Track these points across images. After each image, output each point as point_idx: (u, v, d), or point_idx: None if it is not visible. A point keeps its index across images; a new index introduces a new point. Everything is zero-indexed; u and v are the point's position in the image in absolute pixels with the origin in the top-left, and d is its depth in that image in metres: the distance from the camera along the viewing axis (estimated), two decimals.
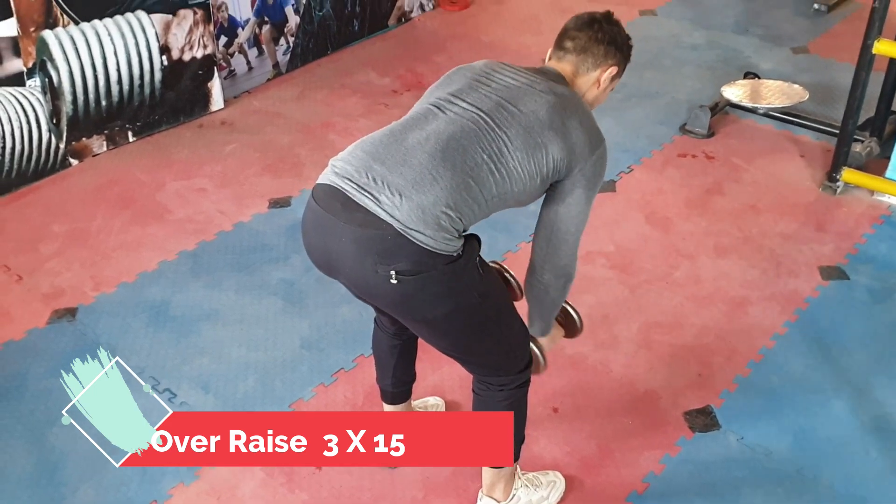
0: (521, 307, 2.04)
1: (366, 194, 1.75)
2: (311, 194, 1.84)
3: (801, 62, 4.43)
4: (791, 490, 2.31)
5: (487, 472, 2.16)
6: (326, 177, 1.83)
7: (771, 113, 3.83)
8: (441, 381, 2.61)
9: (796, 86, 3.91)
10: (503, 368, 1.99)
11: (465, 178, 1.75)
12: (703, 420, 2.50)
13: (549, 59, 2.00)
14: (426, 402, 2.49)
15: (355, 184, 1.76)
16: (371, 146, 1.82)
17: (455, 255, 1.75)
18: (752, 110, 3.86)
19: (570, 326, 2.23)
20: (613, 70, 1.97)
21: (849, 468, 2.37)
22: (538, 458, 2.38)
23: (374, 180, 1.75)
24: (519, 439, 2.12)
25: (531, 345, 2.07)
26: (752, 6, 5.02)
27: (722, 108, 3.92)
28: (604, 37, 1.94)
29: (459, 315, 1.82)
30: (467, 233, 1.81)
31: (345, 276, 1.82)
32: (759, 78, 4.07)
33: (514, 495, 2.19)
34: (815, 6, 4.92)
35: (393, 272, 1.71)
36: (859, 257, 3.13)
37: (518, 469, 2.21)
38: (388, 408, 2.33)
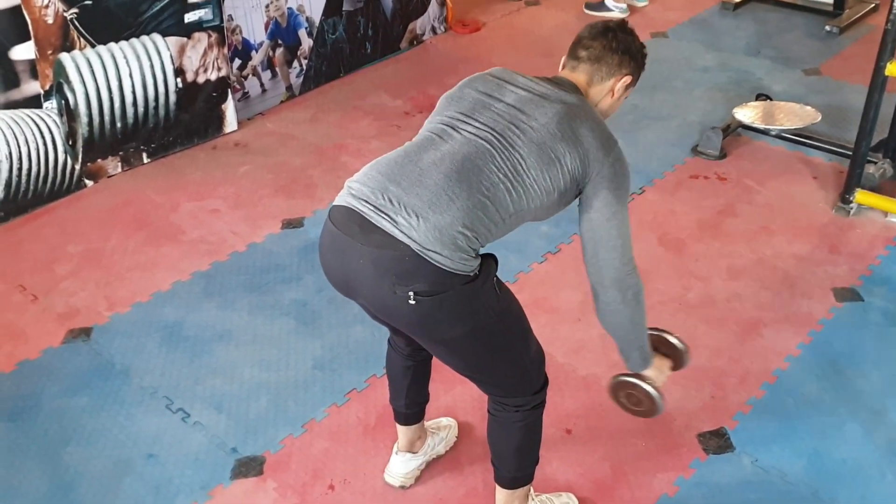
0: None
1: (383, 215, 1.75)
2: (328, 216, 1.85)
3: (813, 84, 4.44)
4: None
5: (500, 494, 2.15)
6: (343, 198, 1.84)
7: (783, 134, 3.83)
8: (454, 401, 2.61)
9: (808, 107, 3.91)
10: (519, 389, 1.99)
11: (481, 197, 1.76)
12: (717, 442, 2.49)
13: (563, 67, 2.00)
14: (439, 422, 2.49)
15: (372, 205, 1.77)
16: (386, 167, 1.83)
17: (472, 274, 1.75)
18: (765, 132, 3.86)
19: (675, 354, 2.09)
20: (628, 79, 1.97)
21: (864, 490, 2.35)
22: (551, 479, 2.37)
23: (390, 201, 1.76)
24: (533, 460, 2.11)
25: (642, 384, 1.99)
26: (764, 28, 5.04)
27: (734, 130, 3.92)
28: (618, 46, 1.94)
29: (477, 335, 1.82)
30: (484, 252, 1.82)
31: (363, 296, 1.83)
32: (771, 100, 4.07)
33: None
34: (827, 28, 4.93)
35: (411, 293, 1.71)
36: (873, 279, 3.12)
37: (531, 490, 2.20)
38: (401, 429, 2.33)
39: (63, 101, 3.49)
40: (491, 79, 1.94)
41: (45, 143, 3.50)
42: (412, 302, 1.72)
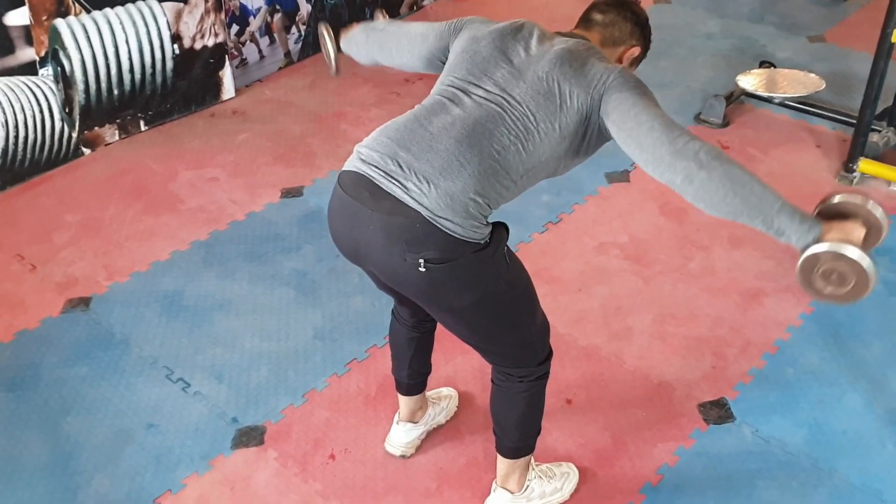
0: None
1: (393, 181, 1.73)
2: (338, 181, 1.83)
3: (817, 51, 4.39)
4: (806, 483, 2.30)
5: (502, 463, 2.15)
6: (352, 163, 1.81)
7: (787, 102, 3.79)
8: (455, 372, 2.60)
9: (812, 75, 3.87)
10: (524, 359, 1.98)
11: (492, 162, 1.74)
12: (717, 412, 2.49)
13: (575, 29, 1.98)
14: (440, 392, 2.49)
15: (382, 171, 1.75)
16: (396, 132, 1.80)
17: (483, 242, 1.74)
18: (768, 100, 3.83)
19: (872, 224, 1.70)
20: (636, 51, 1.96)
21: (864, 461, 2.35)
22: (552, 449, 2.38)
23: (400, 167, 1.74)
24: (535, 431, 2.11)
25: (843, 248, 1.60)
26: None
27: (737, 98, 3.88)
28: (632, 16, 1.95)
29: (485, 303, 1.81)
30: (495, 221, 1.80)
31: (372, 263, 1.81)
32: (775, 67, 4.03)
33: (527, 486, 2.18)
34: None
35: (421, 260, 1.70)
36: (876, 249, 3.06)
37: (532, 460, 2.20)
38: (402, 399, 2.32)
39: (59, 68, 3.45)
40: (505, 32, 1.89)
41: (41, 111, 3.46)
42: (422, 269, 1.71)
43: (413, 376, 2.27)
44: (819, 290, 1.68)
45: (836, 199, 1.76)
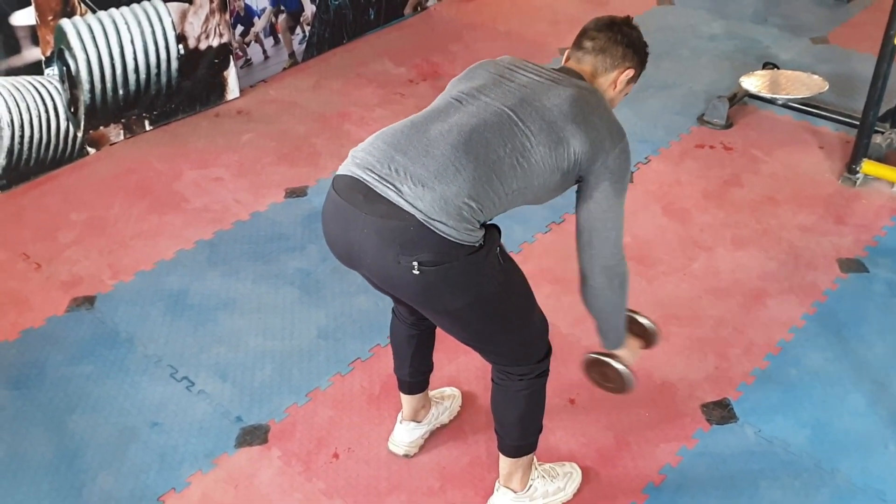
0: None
1: (388, 185, 1.74)
2: (332, 185, 1.84)
3: (820, 52, 4.39)
4: (809, 483, 2.30)
5: (505, 462, 2.16)
6: (347, 167, 1.82)
7: (790, 104, 3.79)
8: (457, 371, 2.61)
9: (816, 76, 3.87)
10: (523, 358, 1.99)
11: (487, 170, 1.75)
12: (720, 412, 2.50)
13: (568, 59, 2.01)
14: (443, 392, 2.50)
15: (377, 174, 1.76)
16: (392, 137, 1.82)
17: (476, 245, 1.75)
18: (771, 101, 3.83)
19: (646, 335, 2.17)
20: (630, 72, 1.98)
21: (867, 461, 2.35)
22: (554, 449, 2.38)
23: (396, 171, 1.75)
24: (536, 429, 2.12)
25: (614, 363, 2.05)
26: None
27: (740, 99, 3.89)
28: (622, 39, 1.96)
29: (480, 305, 1.82)
30: (488, 223, 1.81)
31: (366, 267, 1.82)
32: (778, 68, 4.04)
33: (530, 486, 2.19)
34: None
35: (415, 263, 1.71)
36: (879, 250, 3.10)
37: (535, 460, 2.21)
38: (405, 398, 2.33)
39: (64, 68, 3.46)
40: (502, 64, 1.95)
41: (46, 111, 3.48)
42: (416, 272, 1.72)
43: (414, 374, 2.28)
44: (591, 377, 2.17)
45: (640, 320, 2.19)
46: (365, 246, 1.77)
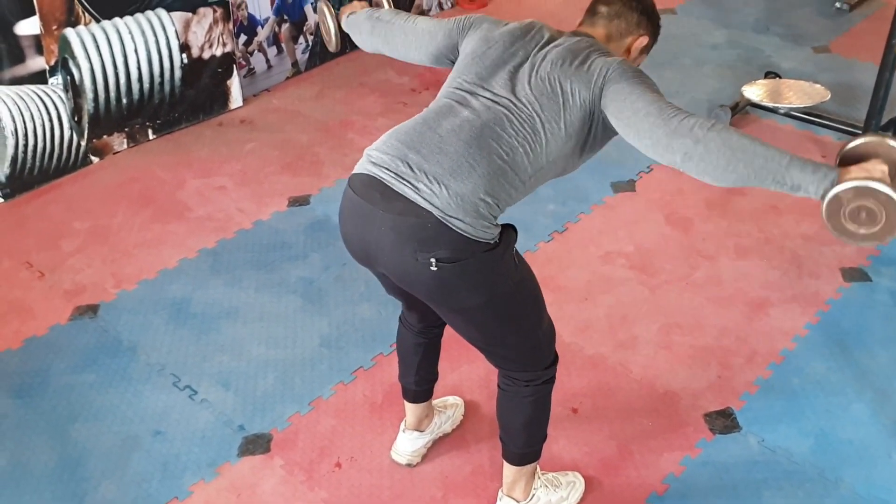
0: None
1: (404, 182, 1.75)
2: (348, 184, 1.85)
3: (822, 61, 4.40)
4: (812, 492, 2.29)
5: (508, 471, 2.16)
6: (363, 166, 1.84)
7: (792, 113, 3.80)
8: (460, 380, 2.61)
9: (818, 85, 3.87)
10: (530, 362, 1.99)
11: (500, 163, 1.76)
12: (723, 422, 2.49)
13: (581, 24, 2.00)
14: (446, 401, 2.49)
15: (392, 172, 1.77)
16: (405, 135, 1.83)
17: (493, 242, 1.76)
18: (773, 110, 3.83)
19: (894, 161, 1.59)
20: (644, 40, 1.98)
21: (871, 471, 2.35)
22: (557, 458, 2.38)
23: (410, 168, 1.76)
24: (541, 437, 2.12)
25: (873, 184, 1.51)
26: (773, 5, 4.99)
27: (742, 108, 3.89)
28: (637, 5, 1.96)
29: (494, 304, 1.83)
30: (504, 222, 1.82)
31: (383, 265, 1.83)
32: (780, 77, 4.04)
33: (533, 495, 2.18)
34: (837, 5, 4.88)
35: (433, 259, 1.71)
36: (881, 259, 3.10)
37: (538, 469, 2.21)
38: (409, 406, 2.33)
39: (68, 77, 3.47)
40: (515, 34, 1.92)
41: (50, 120, 3.49)
42: (434, 268, 1.72)
43: (420, 383, 2.28)
44: (853, 234, 1.58)
45: (852, 144, 1.68)
46: (382, 243, 1.77)
